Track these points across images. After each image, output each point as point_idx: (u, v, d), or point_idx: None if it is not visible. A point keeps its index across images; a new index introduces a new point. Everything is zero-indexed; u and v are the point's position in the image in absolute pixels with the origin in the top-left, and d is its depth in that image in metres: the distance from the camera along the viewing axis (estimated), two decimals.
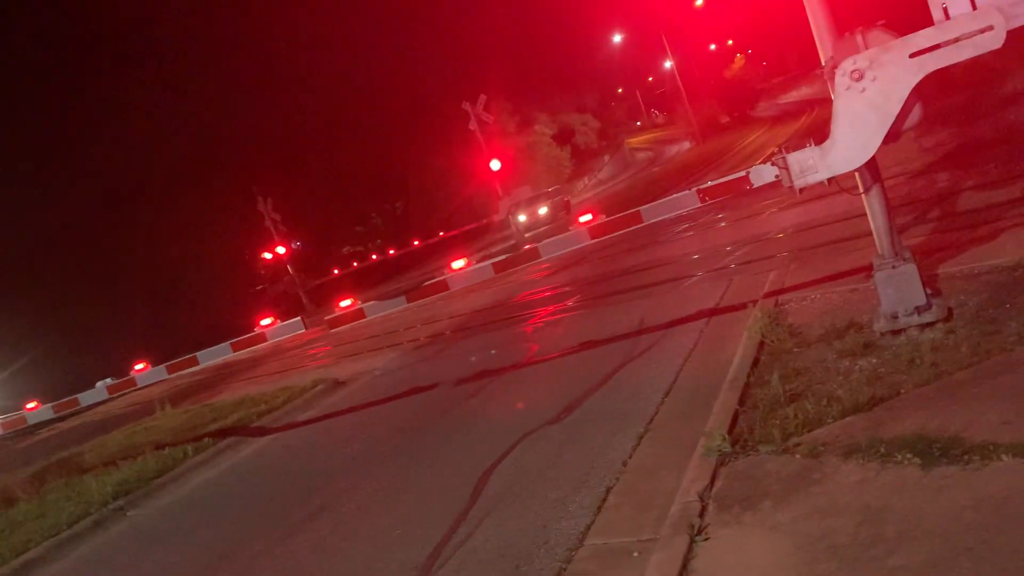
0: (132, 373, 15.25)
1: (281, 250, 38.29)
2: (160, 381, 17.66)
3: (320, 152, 61.31)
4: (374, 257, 61.78)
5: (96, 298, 41.38)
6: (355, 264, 58.72)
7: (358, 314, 13.29)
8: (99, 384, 16.20)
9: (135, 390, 21.13)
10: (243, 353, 17.36)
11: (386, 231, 67.15)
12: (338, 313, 12.90)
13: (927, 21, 6.07)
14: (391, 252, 58.47)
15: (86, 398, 16.90)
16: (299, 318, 12.72)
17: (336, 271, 54.86)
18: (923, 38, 6.01)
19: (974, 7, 5.95)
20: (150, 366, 16.56)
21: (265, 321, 13.96)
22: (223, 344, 13.22)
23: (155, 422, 17.00)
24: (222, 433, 13.05)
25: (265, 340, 14.05)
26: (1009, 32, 5.95)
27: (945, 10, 6.07)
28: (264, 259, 42.10)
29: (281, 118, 60.75)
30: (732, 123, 70.82)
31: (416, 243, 54.27)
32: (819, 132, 6.63)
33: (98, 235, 45.81)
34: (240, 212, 42.23)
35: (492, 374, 11.13)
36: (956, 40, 5.91)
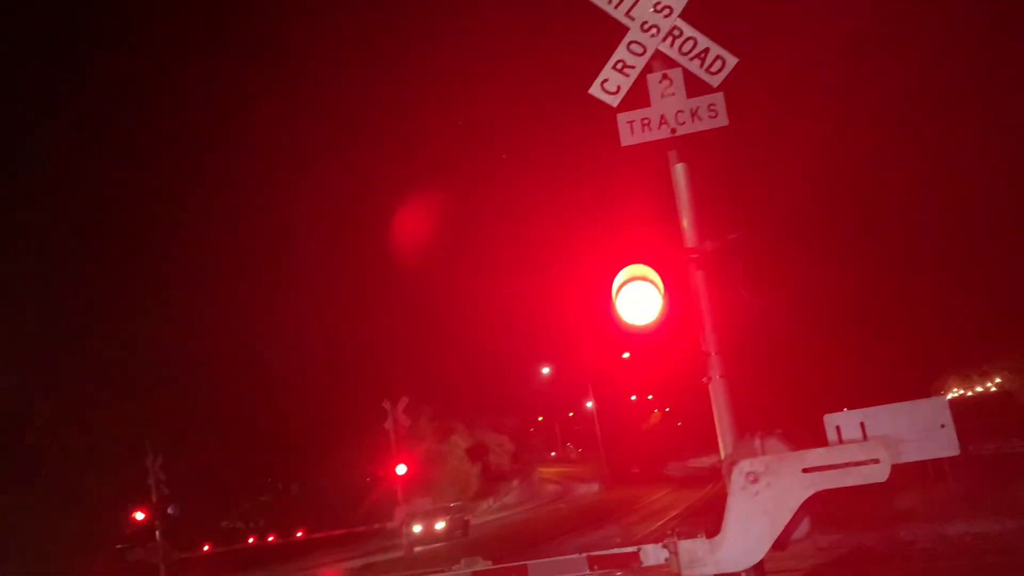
0: None
1: (140, 516, 35.77)
2: None
3: (221, 413, 59.28)
4: (251, 540, 57.83)
5: None
6: (230, 543, 54.75)
7: None
8: None
9: None
10: None
11: (273, 513, 63.58)
12: None
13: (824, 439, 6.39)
14: (271, 538, 54.98)
15: None
16: None
17: (207, 547, 50.95)
18: (815, 456, 6.26)
19: (864, 435, 6.31)
20: None
21: None
22: None
23: None
24: None
25: None
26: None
27: (839, 431, 6.43)
28: (134, 518, 38.98)
29: (183, 367, 58.70)
30: (642, 475, 71.80)
31: (300, 534, 51.30)
32: (719, 506, 6.61)
33: None
34: (118, 460, 39.89)
35: None
36: (845, 465, 6.16)
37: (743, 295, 7.44)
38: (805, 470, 6.29)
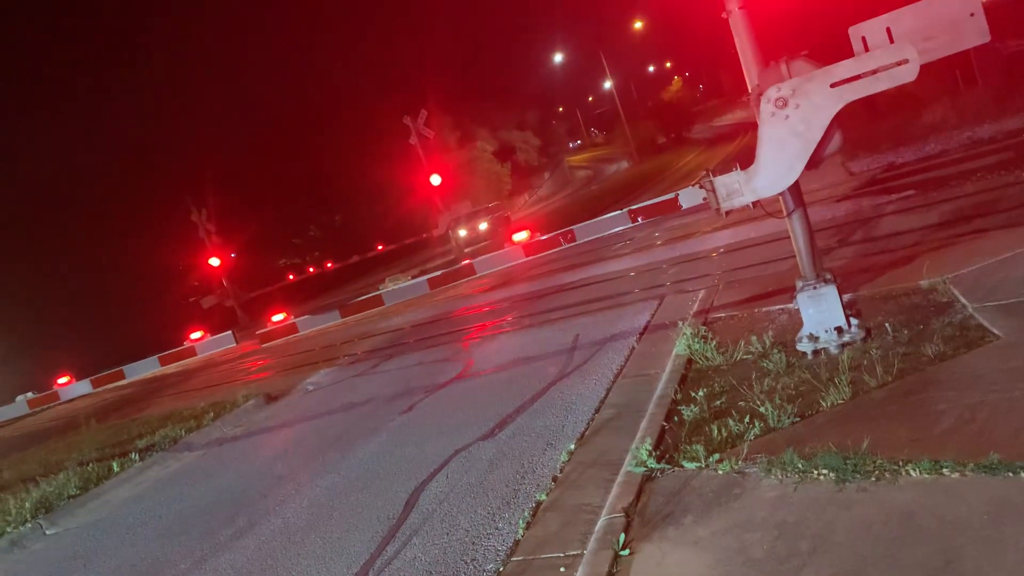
0: (55, 387, 14.82)
1: (215, 261, 37.57)
2: (85, 395, 17.18)
3: (257, 162, 60.47)
4: (311, 270, 60.95)
5: (16, 307, 39.81)
6: (291, 277, 57.80)
7: (291, 328, 13.20)
8: (19, 398, 15.67)
9: (58, 404, 20.55)
10: (172, 367, 17.02)
11: (324, 243, 66.39)
12: (271, 327, 12.79)
13: (850, 52, 6.34)
14: (328, 265, 57.78)
15: (4, 412, 16.33)
16: (230, 332, 12.57)
17: (272, 284, 54.00)
18: (843, 69, 6.28)
19: (891, 40, 6.24)
20: (74, 380, 16.11)
21: (195, 335, 13.72)
22: (151, 358, 12.94)
23: (78, 437, 16.47)
24: (148, 449, 12.72)
25: (195, 354, 13.79)
26: (929, 66, 6.26)
27: (864, 41, 6.35)
28: (197, 270, 41.22)
29: (217, 127, 59.73)
30: (669, 144, 72.14)
31: (354, 257, 53.76)
32: (750, 155, 6.83)
33: (18, 241, 44.20)
34: (173, 222, 41.29)
35: (426, 390, 11.11)
36: (874, 72, 6.18)
37: None
38: (833, 84, 6.34)
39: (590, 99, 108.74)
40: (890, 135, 19.12)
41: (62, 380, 15.49)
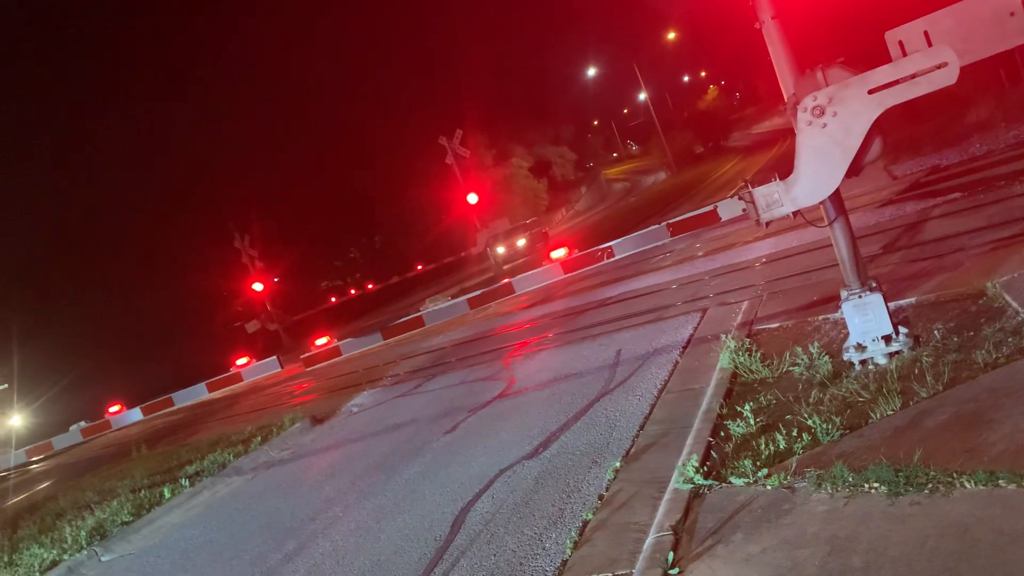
0: (106, 415, 15.12)
1: (258, 286, 38.12)
2: (135, 423, 17.50)
3: (296, 187, 61.58)
4: (352, 292, 61.61)
5: (67, 338, 40.87)
6: (333, 299, 58.43)
7: (334, 351, 13.31)
8: (73, 427, 16.00)
9: (110, 432, 20.97)
10: (219, 393, 17.27)
11: (364, 265, 67.13)
12: (315, 351, 12.93)
13: (887, 58, 6.26)
14: (369, 286, 58.34)
15: (59, 441, 16.69)
16: (275, 357, 12.72)
17: (314, 307, 54.67)
18: (881, 75, 6.19)
19: (929, 44, 6.14)
20: (125, 408, 16.43)
21: (241, 360, 13.92)
22: (199, 384, 13.15)
23: (130, 464, 16.78)
24: (198, 474, 12.91)
25: (241, 380, 13.98)
26: (972, 64, 6.15)
27: (902, 46, 6.26)
28: (241, 296, 41.88)
29: (257, 153, 61.08)
30: (706, 153, 71.70)
31: (395, 278, 54.22)
32: (789, 162, 6.75)
33: (67, 273, 45.43)
34: (216, 249, 42.12)
35: (468, 409, 11.12)
36: (912, 76, 6.08)
37: None
38: (871, 91, 6.25)
39: (625, 111, 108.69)
40: (933, 137, 18.80)
41: (113, 409, 15.83)
